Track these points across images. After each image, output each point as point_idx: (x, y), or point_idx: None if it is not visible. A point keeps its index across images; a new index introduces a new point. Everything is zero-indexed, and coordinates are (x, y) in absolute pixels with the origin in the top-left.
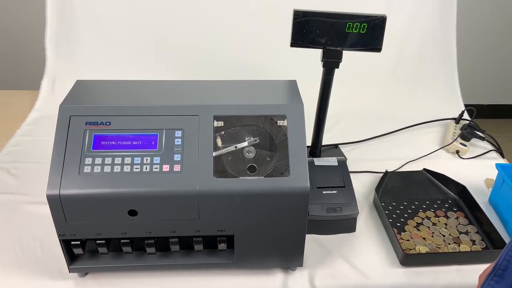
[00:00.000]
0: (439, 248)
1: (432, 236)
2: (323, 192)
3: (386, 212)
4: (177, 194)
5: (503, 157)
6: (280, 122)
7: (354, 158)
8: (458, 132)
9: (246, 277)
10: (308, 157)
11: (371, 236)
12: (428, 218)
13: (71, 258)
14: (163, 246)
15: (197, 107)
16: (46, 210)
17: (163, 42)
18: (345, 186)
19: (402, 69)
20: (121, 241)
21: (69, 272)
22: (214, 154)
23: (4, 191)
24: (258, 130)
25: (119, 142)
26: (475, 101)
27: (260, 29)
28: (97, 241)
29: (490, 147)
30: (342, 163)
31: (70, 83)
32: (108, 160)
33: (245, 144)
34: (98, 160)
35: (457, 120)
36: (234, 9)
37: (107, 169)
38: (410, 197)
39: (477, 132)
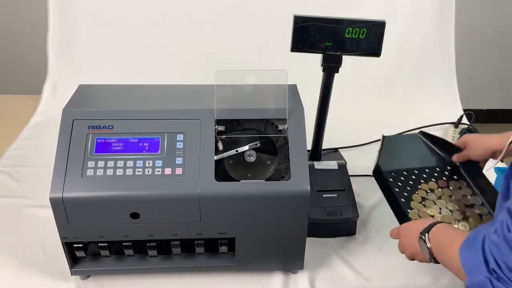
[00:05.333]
0: None
1: (440, 213)
2: (323, 195)
3: (391, 183)
4: (178, 197)
5: (501, 161)
6: (280, 126)
7: (354, 162)
8: (457, 136)
9: (247, 279)
10: (308, 160)
11: (371, 239)
12: (432, 190)
13: (74, 260)
14: (164, 249)
15: (198, 111)
16: (48, 213)
17: (164, 47)
18: (345, 189)
19: (401, 73)
20: (123, 244)
21: (71, 274)
22: (215, 157)
23: (6, 194)
24: (259, 134)
25: (121, 145)
26: (474, 106)
27: (260, 34)
28: (99, 244)
29: None
30: (342, 167)
31: (72, 88)
32: (110, 164)
33: (246, 148)
34: (101, 164)
35: (456, 124)
36: (234, 14)
37: (109, 172)
38: (409, 166)
39: None
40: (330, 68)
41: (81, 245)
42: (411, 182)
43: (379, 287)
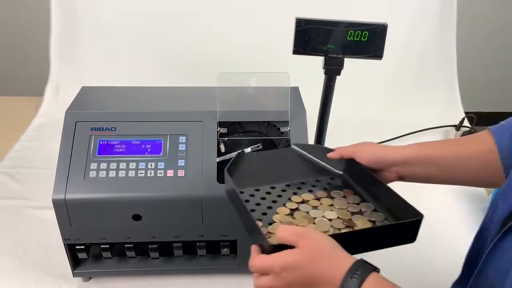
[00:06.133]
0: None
1: (314, 223)
2: None
3: (246, 200)
4: (181, 199)
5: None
6: (282, 129)
7: None
8: None
9: (249, 281)
10: None
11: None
12: (306, 201)
13: (75, 262)
14: (166, 250)
15: (201, 113)
16: (49, 215)
17: (166, 49)
18: None
19: (403, 76)
20: (125, 245)
21: (73, 276)
22: (217, 159)
23: (8, 196)
24: (261, 136)
25: (124, 147)
26: (475, 109)
27: (262, 37)
28: (101, 246)
29: None
30: None
31: (74, 90)
32: (113, 165)
33: (248, 150)
34: (103, 165)
35: (458, 127)
36: (236, 17)
37: (112, 174)
38: (279, 181)
39: None
40: (332, 70)
41: (83, 247)
42: (279, 196)
43: None
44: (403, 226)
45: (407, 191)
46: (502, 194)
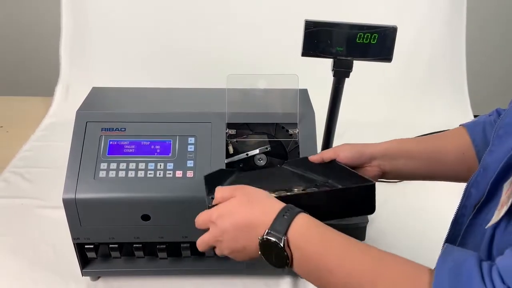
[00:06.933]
0: None
1: None
2: None
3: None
4: (189, 200)
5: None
6: (291, 131)
7: None
8: None
9: (256, 283)
10: None
11: (380, 245)
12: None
13: (84, 261)
14: (174, 251)
15: (210, 115)
16: (59, 214)
17: (176, 50)
18: None
19: (412, 78)
20: (134, 245)
21: (82, 275)
22: (226, 161)
23: (18, 195)
24: (270, 138)
25: (133, 148)
26: (484, 111)
27: (271, 39)
28: (110, 245)
29: None
30: None
31: (84, 90)
32: (122, 165)
33: (257, 151)
34: (113, 165)
35: None
36: (244, 19)
37: (121, 174)
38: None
39: None
40: (341, 73)
41: (92, 246)
42: None
43: None
44: (352, 191)
45: None
46: (475, 181)
